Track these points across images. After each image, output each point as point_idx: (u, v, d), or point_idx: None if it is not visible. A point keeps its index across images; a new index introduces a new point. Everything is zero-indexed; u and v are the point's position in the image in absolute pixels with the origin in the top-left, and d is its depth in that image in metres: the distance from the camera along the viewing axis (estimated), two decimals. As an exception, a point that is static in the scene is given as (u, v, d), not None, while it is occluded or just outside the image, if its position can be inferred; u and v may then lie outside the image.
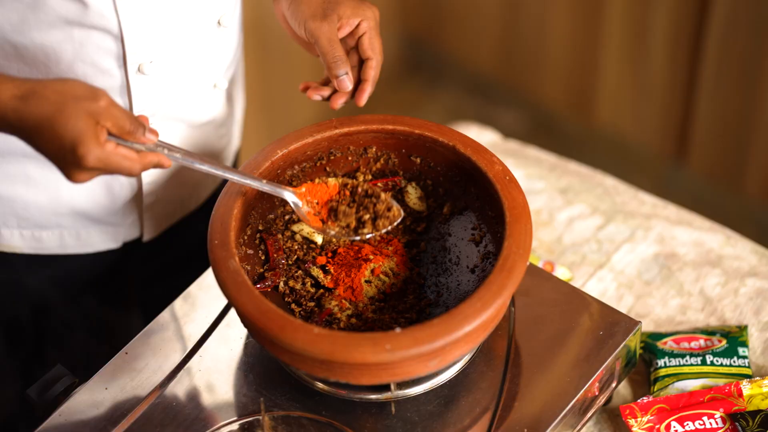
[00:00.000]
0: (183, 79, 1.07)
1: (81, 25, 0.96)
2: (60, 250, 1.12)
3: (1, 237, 1.10)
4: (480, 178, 1.00)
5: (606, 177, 1.38)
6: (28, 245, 1.11)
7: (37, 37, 0.95)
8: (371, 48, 1.03)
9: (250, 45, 2.14)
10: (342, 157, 1.06)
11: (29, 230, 1.10)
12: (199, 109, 1.11)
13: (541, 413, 0.94)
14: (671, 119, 2.23)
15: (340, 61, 1.01)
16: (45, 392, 0.98)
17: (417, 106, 2.55)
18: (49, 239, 1.11)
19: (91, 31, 0.97)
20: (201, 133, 1.14)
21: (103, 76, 1.00)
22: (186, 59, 1.05)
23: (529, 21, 2.35)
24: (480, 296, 0.88)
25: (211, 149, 1.17)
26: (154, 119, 1.06)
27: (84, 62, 0.98)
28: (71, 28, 0.96)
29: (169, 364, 1.00)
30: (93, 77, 1.00)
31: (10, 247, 1.11)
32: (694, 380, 1.05)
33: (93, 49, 0.98)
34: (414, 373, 0.89)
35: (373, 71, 1.03)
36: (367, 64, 1.03)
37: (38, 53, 0.96)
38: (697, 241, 1.25)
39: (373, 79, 1.04)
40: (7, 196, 1.07)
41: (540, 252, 1.25)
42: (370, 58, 1.03)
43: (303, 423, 0.94)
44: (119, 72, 1.01)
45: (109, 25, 0.97)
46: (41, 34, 0.95)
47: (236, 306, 0.90)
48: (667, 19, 2.11)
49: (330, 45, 1.01)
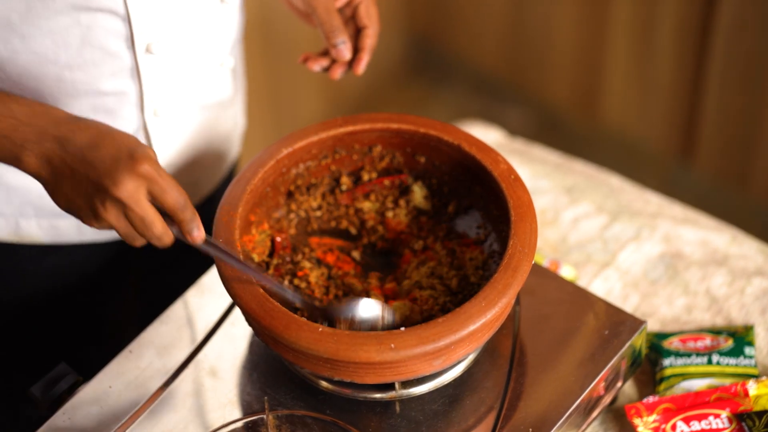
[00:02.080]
0: (190, 58, 1.07)
1: (88, 9, 0.96)
2: (78, 238, 1.12)
3: (20, 228, 1.10)
4: (485, 177, 0.99)
5: (612, 176, 1.38)
6: (47, 234, 1.11)
7: (44, 25, 0.95)
8: (368, 16, 1.04)
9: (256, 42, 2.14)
10: (347, 156, 1.05)
11: (47, 219, 1.10)
12: (207, 89, 1.12)
13: (546, 413, 0.94)
14: (677, 118, 2.23)
15: (337, 30, 1.02)
16: (49, 390, 0.98)
17: (422, 104, 2.54)
18: (68, 227, 1.11)
19: (97, 13, 0.96)
20: (211, 114, 1.14)
21: (112, 60, 1.00)
22: (191, 37, 1.06)
23: (535, 19, 2.34)
24: (485, 295, 0.88)
25: (221, 131, 1.18)
26: (166, 101, 1.06)
27: (92, 46, 0.98)
28: (78, 13, 0.95)
29: (173, 363, 1.00)
30: (102, 61, 1.00)
31: (30, 238, 1.11)
32: (700, 380, 1.05)
33: (101, 32, 0.98)
34: (418, 372, 0.89)
35: (370, 39, 1.04)
36: (364, 33, 1.04)
37: (46, 41, 0.96)
38: (703, 241, 1.25)
39: (370, 47, 1.05)
40: (23, 186, 1.07)
41: (545, 251, 1.25)
42: (367, 27, 1.04)
43: (307, 422, 0.93)
44: (128, 53, 1.01)
45: (116, 6, 0.97)
46: (48, 22, 0.95)
47: (240, 304, 0.90)
48: (673, 18, 2.10)
49: (327, 14, 1.02)
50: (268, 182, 1.01)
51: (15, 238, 1.10)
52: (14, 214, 1.09)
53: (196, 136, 1.14)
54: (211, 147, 1.17)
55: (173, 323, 1.04)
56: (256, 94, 2.21)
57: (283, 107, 2.35)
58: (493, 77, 2.53)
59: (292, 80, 2.30)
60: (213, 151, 1.18)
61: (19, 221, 1.09)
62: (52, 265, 1.14)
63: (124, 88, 1.03)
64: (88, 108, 1.02)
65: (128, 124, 1.06)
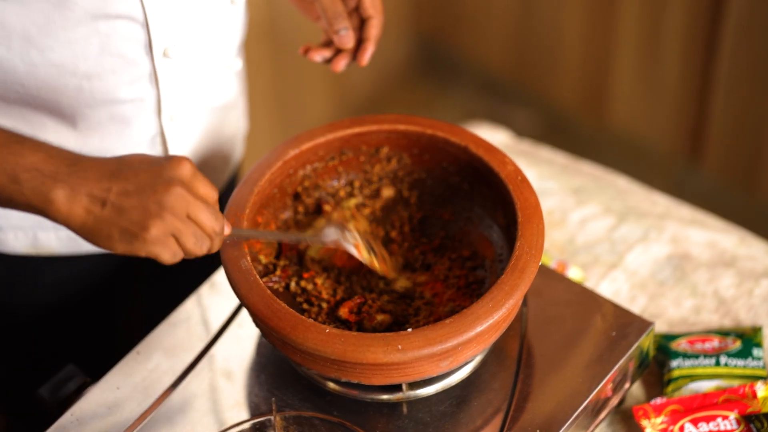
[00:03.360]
0: (203, 61, 1.07)
1: (107, 17, 0.95)
2: (96, 248, 1.12)
3: (38, 240, 1.09)
4: (492, 178, 0.99)
5: (619, 177, 1.37)
6: (65, 246, 1.10)
7: (63, 36, 0.95)
8: (373, 7, 1.03)
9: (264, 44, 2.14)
10: (354, 157, 1.05)
11: (65, 231, 1.09)
12: (217, 91, 1.12)
13: (553, 414, 0.94)
14: (685, 119, 2.22)
15: (340, 17, 1.02)
16: (57, 391, 0.98)
17: (429, 106, 2.54)
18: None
19: (116, 21, 0.96)
20: (218, 116, 1.14)
21: (130, 67, 1.00)
22: (204, 39, 1.06)
23: (543, 20, 2.34)
24: (492, 296, 0.88)
25: (226, 133, 1.18)
26: (181, 106, 1.07)
27: (111, 55, 0.98)
28: (96, 22, 0.95)
29: (180, 364, 1.00)
30: (121, 69, 1.00)
31: (47, 249, 1.10)
32: (708, 381, 1.05)
33: (119, 39, 0.98)
34: (426, 373, 0.89)
35: (375, 30, 1.04)
36: (369, 23, 1.03)
37: (65, 52, 0.96)
38: (711, 242, 1.24)
39: (374, 37, 1.04)
40: None
41: (552, 252, 1.25)
42: (372, 17, 1.03)
43: (314, 423, 0.93)
44: (146, 59, 1.01)
45: (134, 12, 0.97)
46: (67, 32, 0.95)
47: (248, 306, 0.90)
48: (681, 19, 2.10)
49: (331, 1, 1.02)
50: (275, 184, 1.01)
51: (32, 250, 1.10)
52: (33, 226, 1.08)
53: (205, 139, 1.14)
54: (218, 149, 1.18)
55: (181, 325, 1.04)
56: (263, 95, 2.21)
57: (290, 109, 2.35)
58: (500, 78, 2.53)
59: (298, 82, 2.30)
60: (219, 153, 1.19)
61: (37, 233, 1.09)
62: (65, 274, 1.14)
63: (141, 95, 1.03)
64: (106, 117, 1.02)
65: (145, 130, 1.06)
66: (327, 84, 2.36)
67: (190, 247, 0.83)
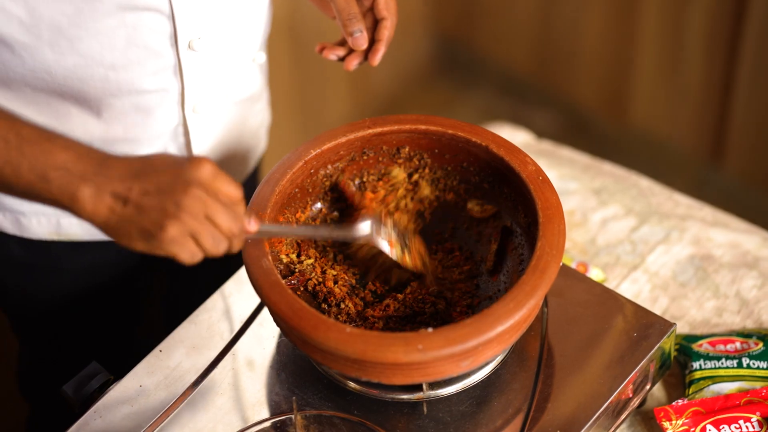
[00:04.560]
0: (227, 54, 1.08)
1: (134, 9, 0.97)
2: None
3: (60, 226, 1.11)
4: (513, 178, 0.99)
5: (641, 178, 1.37)
6: (87, 231, 1.12)
7: (92, 27, 0.96)
8: (386, 8, 1.05)
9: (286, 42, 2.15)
10: (374, 157, 1.06)
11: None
12: (241, 84, 1.13)
13: (574, 415, 0.94)
14: (707, 119, 2.21)
15: (355, 19, 1.03)
16: (80, 389, 0.99)
17: (450, 106, 2.54)
18: None
19: (143, 13, 0.98)
20: (241, 109, 1.16)
21: (155, 58, 1.02)
22: (229, 32, 1.07)
23: (563, 20, 2.33)
24: (513, 296, 0.88)
25: (250, 125, 1.19)
26: (205, 98, 1.08)
27: (137, 46, 1.00)
28: (124, 13, 0.97)
29: (202, 362, 1.01)
30: (146, 60, 1.01)
31: (70, 235, 1.12)
32: (729, 383, 1.04)
33: (146, 31, 0.99)
34: (446, 373, 0.89)
35: (388, 31, 1.05)
36: (382, 24, 1.04)
37: (93, 43, 0.97)
38: (733, 243, 1.24)
39: (387, 39, 1.05)
40: None
41: (573, 253, 1.24)
42: (385, 18, 1.04)
43: (335, 422, 0.94)
44: (171, 51, 1.02)
45: (161, 5, 0.98)
46: (96, 24, 0.96)
47: (269, 305, 0.91)
48: (703, 19, 2.09)
49: (346, 3, 1.03)
50: (296, 183, 1.02)
51: (55, 236, 1.12)
52: (56, 212, 1.10)
53: (229, 131, 1.15)
54: (242, 141, 1.19)
55: (203, 323, 1.05)
56: (284, 94, 2.22)
57: (311, 108, 2.35)
58: (521, 79, 2.52)
59: (320, 81, 2.31)
60: (243, 146, 1.19)
61: (60, 219, 1.11)
62: (87, 261, 1.16)
63: (165, 86, 1.04)
64: (130, 106, 1.04)
65: (168, 121, 1.07)
66: (347, 82, 2.37)
67: (208, 247, 0.83)
